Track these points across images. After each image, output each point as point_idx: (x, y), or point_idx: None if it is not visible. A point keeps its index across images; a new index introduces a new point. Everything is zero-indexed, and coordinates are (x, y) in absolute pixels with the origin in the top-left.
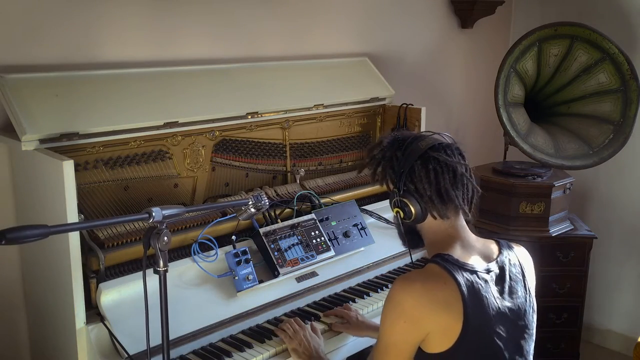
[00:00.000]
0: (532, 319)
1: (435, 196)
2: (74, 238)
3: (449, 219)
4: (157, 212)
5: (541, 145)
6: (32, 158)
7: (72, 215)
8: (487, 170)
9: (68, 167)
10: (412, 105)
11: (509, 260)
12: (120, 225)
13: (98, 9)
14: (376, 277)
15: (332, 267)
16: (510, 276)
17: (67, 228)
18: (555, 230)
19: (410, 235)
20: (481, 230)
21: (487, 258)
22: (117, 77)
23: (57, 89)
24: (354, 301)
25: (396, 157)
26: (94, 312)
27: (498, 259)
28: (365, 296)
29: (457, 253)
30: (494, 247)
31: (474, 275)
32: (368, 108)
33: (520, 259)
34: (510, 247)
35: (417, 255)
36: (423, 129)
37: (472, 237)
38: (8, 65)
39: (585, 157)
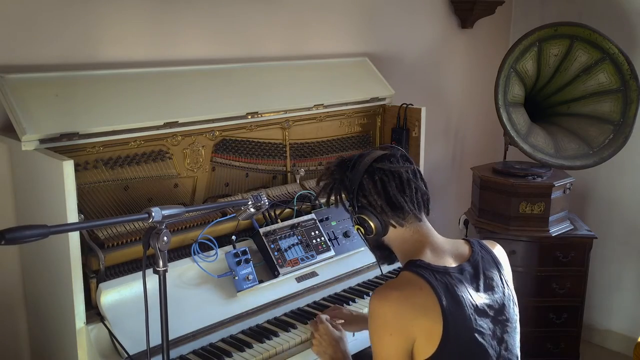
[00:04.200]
0: (514, 312)
1: (385, 205)
2: (74, 238)
3: (411, 226)
4: (157, 212)
5: (541, 145)
6: (32, 158)
7: (72, 215)
8: (487, 170)
9: (68, 167)
10: (412, 105)
11: (482, 257)
12: (120, 225)
13: (98, 9)
14: (376, 277)
15: (332, 267)
16: (484, 273)
17: (67, 228)
18: (555, 230)
19: (382, 251)
20: (481, 230)
21: (459, 258)
22: (117, 77)
23: (57, 89)
24: (353, 301)
25: (347, 177)
26: (94, 312)
27: (471, 257)
28: (365, 296)
29: (428, 257)
30: (465, 246)
31: (447, 276)
32: (368, 108)
33: (493, 254)
34: (482, 245)
35: (389, 267)
36: (423, 129)
37: (440, 239)
38: (8, 65)
39: (585, 157)
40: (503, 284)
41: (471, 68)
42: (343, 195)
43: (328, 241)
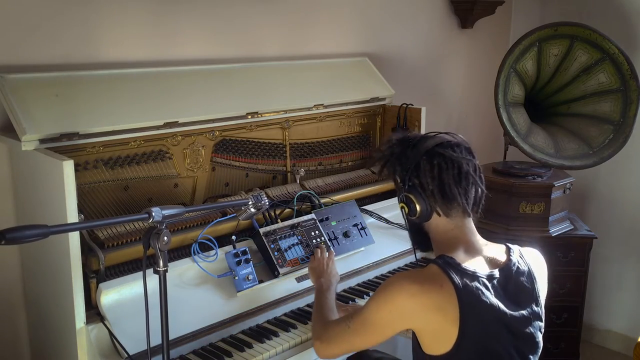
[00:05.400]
0: (538, 328)
1: (437, 191)
2: (74, 238)
3: (455, 219)
4: (157, 212)
5: (541, 145)
6: (32, 158)
7: (72, 215)
8: (487, 170)
9: (68, 167)
10: (412, 105)
11: (517, 267)
12: (120, 225)
13: (98, 9)
14: (376, 277)
15: None
16: (515, 284)
17: (67, 228)
18: (555, 230)
19: (419, 236)
20: (481, 230)
21: (493, 264)
22: (117, 77)
23: (57, 89)
24: (353, 301)
25: (405, 154)
26: (94, 312)
27: (505, 265)
28: (365, 296)
29: (460, 257)
30: (502, 253)
31: (475, 280)
32: (368, 108)
33: (531, 266)
34: (521, 255)
35: (421, 254)
36: (423, 129)
37: (480, 241)
38: (8, 65)
39: (585, 157)
40: (533, 299)
41: (471, 68)
42: (396, 171)
43: (328, 241)
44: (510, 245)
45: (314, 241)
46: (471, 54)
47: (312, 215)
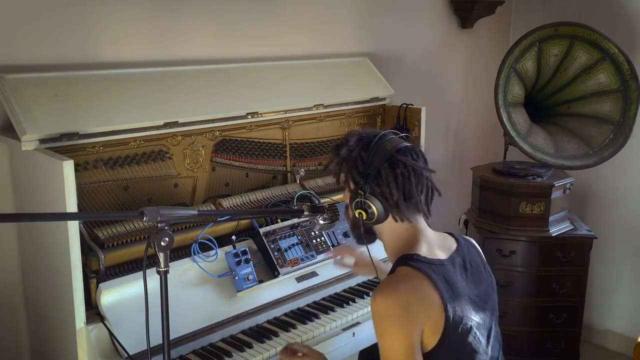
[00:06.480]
0: (496, 300)
1: (400, 200)
2: (74, 238)
3: (411, 220)
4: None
5: (541, 145)
6: (32, 158)
7: None
8: (487, 170)
9: (68, 167)
10: (412, 105)
11: (467, 249)
12: (120, 225)
13: (98, 9)
14: (376, 277)
15: (332, 267)
16: (471, 264)
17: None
18: (555, 230)
19: (360, 231)
20: (481, 230)
21: (448, 250)
22: (117, 77)
23: (57, 89)
24: (353, 301)
25: (361, 157)
26: (94, 312)
27: (459, 249)
28: (365, 296)
29: (423, 250)
30: (451, 239)
31: (443, 267)
32: (368, 108)
33: (475, 245)
34: (464, 238)
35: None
36: (423, 129)
37: (431, 232)
38: (8, 65)
39: (585, 157)
40: (487, 273)
41: (471, 68)
42: (353, 176)
43: (328, 241)
44: (452, 232)
45: (314, 241)
46: (471, 54)
47: None
